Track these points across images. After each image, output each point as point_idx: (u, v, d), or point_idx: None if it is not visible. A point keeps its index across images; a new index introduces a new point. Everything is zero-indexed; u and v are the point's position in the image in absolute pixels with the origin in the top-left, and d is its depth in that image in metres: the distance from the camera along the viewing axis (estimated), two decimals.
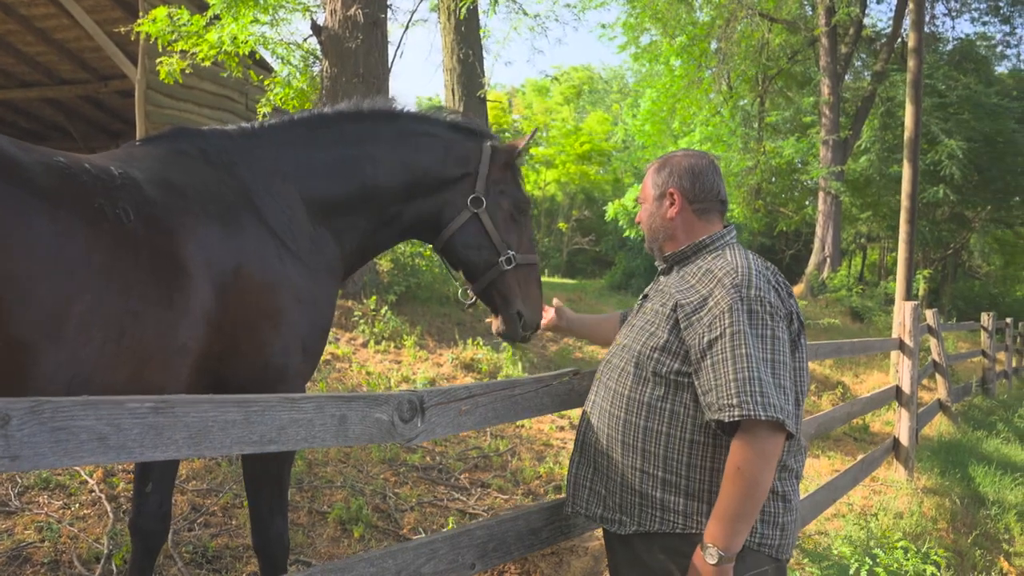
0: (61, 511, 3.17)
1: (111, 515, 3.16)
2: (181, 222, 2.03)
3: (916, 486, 5.54)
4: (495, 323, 2.66)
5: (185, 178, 2.17)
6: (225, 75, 8.64)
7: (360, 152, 2.53)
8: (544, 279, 20.69)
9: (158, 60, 8.23)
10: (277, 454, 2.35)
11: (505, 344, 7.62)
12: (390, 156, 2.57)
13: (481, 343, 7.22)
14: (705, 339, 1.66)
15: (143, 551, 2.40)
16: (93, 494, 3.32)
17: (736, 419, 1.56)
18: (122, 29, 9.30)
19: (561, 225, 33.46)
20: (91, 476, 3.44)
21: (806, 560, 3.62)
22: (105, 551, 2.90)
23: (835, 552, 3.51)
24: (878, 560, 3.16)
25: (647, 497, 1.72)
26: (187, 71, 8.53)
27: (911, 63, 9.48)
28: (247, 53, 8.29)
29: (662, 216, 1.92)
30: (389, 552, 1.62)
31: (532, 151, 34.87)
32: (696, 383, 1.68)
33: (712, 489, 1.67)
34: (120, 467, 3.60)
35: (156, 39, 8.25)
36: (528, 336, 2.65)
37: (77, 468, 3.47)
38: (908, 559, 3.39)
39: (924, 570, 3.33)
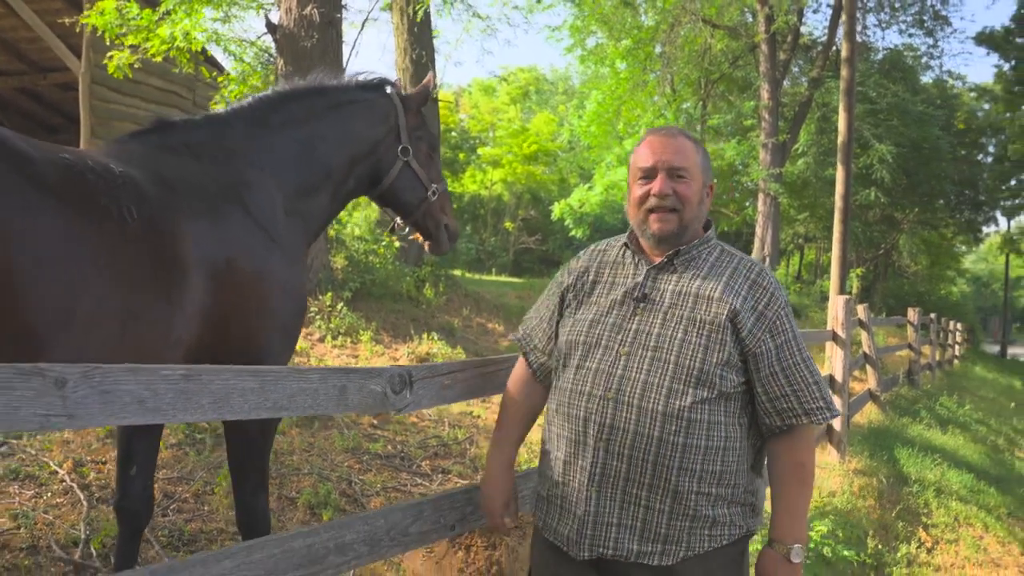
0: (33, 500, 3.22)
1: (84, 503, 3.22)
2: (178, 220, 2.14)
3: (847, 468, 5.92)
4: (427, 245, 3.10)
5: (176, 174, 2.28)
6: (177, 71, 8.56)
7: (310, 131, 2.68)
8: (491, 278, 20.89)
9: (108, 54, 8.12)
10: (261, 439, 2.49)
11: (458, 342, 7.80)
12: (333, 131, 2.74)
13: (436, 338, 7.38)
14: (772, 345, 1.64)
15: (129, 533, 2.50)
16: (64, 483, 3.38)
17: (827, 421, 1.67)
18: (66, 20, 9.12)
19: (508, 224, 33.69)
20: (61, 466, 3.50)
21: None
22: (83, 536, 2.98)
23: None
24: (812, 526, 3.46)
25: (699, 518, 1.60)
26: (136, 66, 8.44)
27: (844, 72, 9.99)
28: (199, 49, 8.26)
29: (704, 205, 1.77)
30: (381, 512, 1.79)
31: (480, 150, 35.07)
32: (760, 387, 1.65)
33: (747, 488, 1.67)
34: (88, 457, 3.66)
35: (104, 32, 8.14)
36: (453, 245, 3.13)
37: (46, 459, 3.52)
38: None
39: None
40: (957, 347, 19.58)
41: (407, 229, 3.12)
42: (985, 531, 5.29)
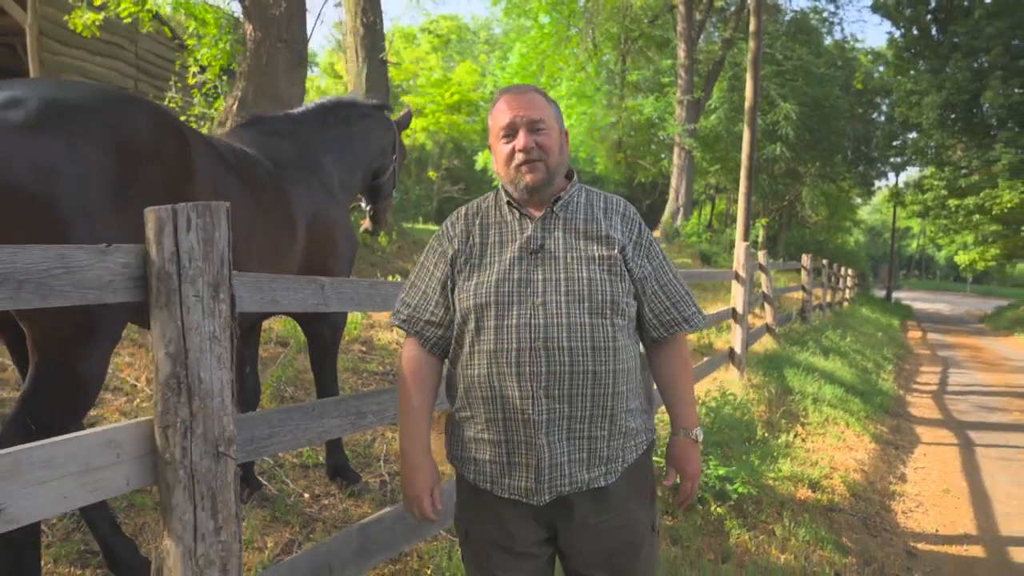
0: (128, 404, 4.10)
1: None
2: (287, 186, 3.09)
3: (746, 383, 7.30)
4: (368, 223, 4.19)
5: (277, 154, 3.21)
6: (143, 31, 8.99)
7: (351, 131, 3.69)
8: (419, 226, 21.75)
9: (76, 13, 8.50)
10: (332, 342, 3.49)
11: None
12: (363, 133, 3.78)
13: (400, 279, 8.34)
14: (650, 268, 1.83)
15: None
16: (145, 392, 4.26)
17: (700, 325, 1.90)
18: None
19: (431, 174, 34.21)
20: (138, 381, 4.36)
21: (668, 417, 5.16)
22: None
23: None
24: (718, 405, 4.71)
25: (628, 433, 1.77)
26: (100, 24, 8.84)
27: (751, 44, 11.24)
28: (165, 12, 8.73)
29: (564, 153, 1.83)
30: None
31: (403, 99, 35.33)
32: (647, 307, 1.83)
33: (645, 397, 1.88)
34: (151, 377, 4.52)
35: None
36: (381, 230, 4.35)
37: (123, 376, 4.38)
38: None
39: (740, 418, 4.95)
40: (848, 291, 21.74)
41: (368, 210, 4.21)
42: (847, 428, 6.76)
